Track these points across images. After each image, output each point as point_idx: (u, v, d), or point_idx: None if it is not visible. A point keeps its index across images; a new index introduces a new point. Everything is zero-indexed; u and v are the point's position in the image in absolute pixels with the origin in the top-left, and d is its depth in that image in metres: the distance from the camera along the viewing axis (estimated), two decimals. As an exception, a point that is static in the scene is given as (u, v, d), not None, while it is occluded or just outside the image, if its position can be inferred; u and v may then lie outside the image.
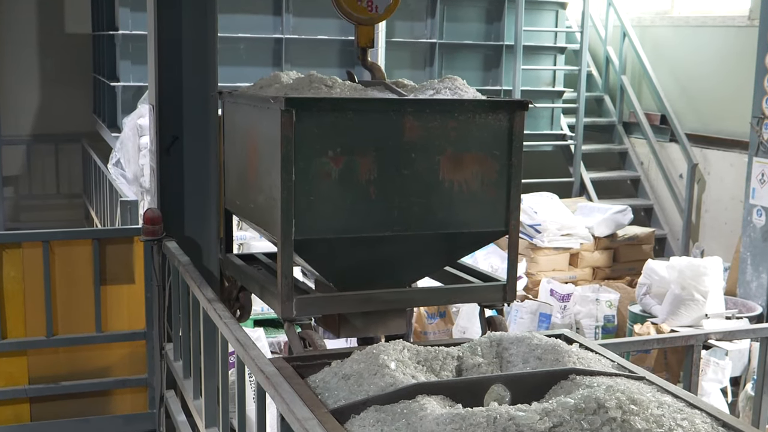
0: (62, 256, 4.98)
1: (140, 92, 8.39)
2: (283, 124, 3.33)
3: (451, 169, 3.56)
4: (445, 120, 3.54)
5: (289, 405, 2.48)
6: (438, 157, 3.54)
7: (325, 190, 3.41)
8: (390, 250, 3.58)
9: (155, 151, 4.78)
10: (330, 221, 3.44)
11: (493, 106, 3.65)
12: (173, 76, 4.68)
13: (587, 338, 4.98)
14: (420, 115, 3.51)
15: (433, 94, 3.71)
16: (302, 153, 3.37)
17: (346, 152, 3.42)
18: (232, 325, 3.24)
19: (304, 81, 3.72)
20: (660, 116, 10.48)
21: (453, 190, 3.57)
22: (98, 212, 9.26)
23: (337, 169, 3.42)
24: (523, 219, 8.36)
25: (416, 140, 3.51)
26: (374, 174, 3.45)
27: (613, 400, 2.35)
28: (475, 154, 3.60)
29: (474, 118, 3.59)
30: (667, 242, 10.38)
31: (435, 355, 2.92)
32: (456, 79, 3.84)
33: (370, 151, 3.45)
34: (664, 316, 6.80)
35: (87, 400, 5.15)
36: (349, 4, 3.96)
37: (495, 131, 3.62)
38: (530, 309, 7.42)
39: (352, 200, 3.45)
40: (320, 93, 3.59)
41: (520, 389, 2.65)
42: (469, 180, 3.59)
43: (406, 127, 3.49)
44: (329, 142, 3.40)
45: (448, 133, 3.55)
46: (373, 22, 4.05)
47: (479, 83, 10.34)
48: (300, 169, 3.37)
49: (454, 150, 3.56)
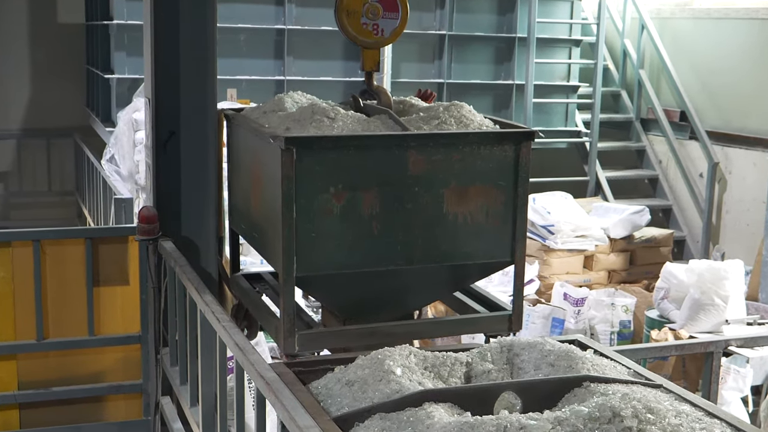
0: (53, 256, 4.98)
1: (136, 85, 8.40)
2: (284, 163, 3.43)
3: (455, 202, 3.65)
4: (449, 153, 3.62)
5: (291, 412, 2.49)
6: (442, 190, 3.62)
7: (327, 227, 3.51)
8: (394, 282, 3.70)
9: (151, 147, 4.78)
10: (332, 257, 3.54)
11: (499, 137, 3.71)
12: (170, 68, 4.68)
13: (602, 344, 4.98)
14: (423, 149, 3.59)
15: (438, 124, 3.78)
16: (303, 190, 3.47)
17: (348, 188, 3.52)
18: (230, 329, 3.25)
19: (306, 111, 3.79)
20: (679, 112, 10.47)
21: (457, 223, 3.66)
22: (91, 210, 9.28)
23: (339, 206, 3.51)
24: (535, 219, 8.37)
25: (420, 174, 3.59)
26: (377, 209, 3.55)
27: (628, 408, 2.36)
28: (480, 186, 3.68)
29: (479, 150, 3.66)
30: (686, 244, 10.37)
31: (443, 360, 2.93)
32: (462, 106, 3.90)
33: (373, 187, 3.55)
34: (683, 321, 6.79)
35: (79, 406, 5.16)
36: (355, 28, 4.00)
37: (500, 162, 3.70)
38: (542, 313, 7.42)
39: (355, 236, 3.54)
40: (322, 126, 3.67)
41: (532, 397, 2.65)
42: (474, 212, 3.67)
43: (410, 162, 3.58)
44: (331, 179, 3.50)
45: (452, 166, 3.63)
46: (379, 46, 4.11)
47: (490, 77, 10.35)
48: (301, 207, 3.47)
49: (459, 183, 3.65)
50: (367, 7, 4.01)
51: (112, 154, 8.17)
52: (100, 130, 9.60)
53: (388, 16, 4.05)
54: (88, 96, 11.23)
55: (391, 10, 4.06)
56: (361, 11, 4.00)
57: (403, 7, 4.06)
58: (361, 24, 4.01)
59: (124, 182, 7.92)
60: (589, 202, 9.56)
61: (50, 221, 10.40)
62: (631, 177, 11.02)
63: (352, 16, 4.00)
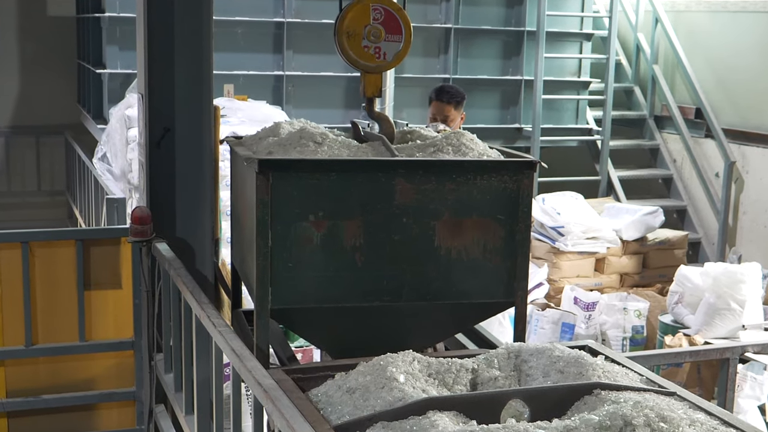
0: (43, 259, 4.99)
1: (128, 80, 8.41)
2: (258, 187, 3.38)
3: (448, 236, 3.56)
4: (442, 182, 3.54)
5: (289, 421, 2.49)
6: (433, 222, 3.54)
7: (305, 257, 3.43)
8: (383, 320, 3.60)
9: (144, 145, 4.79)
10: (311, 289, 3.46)
11: (497, 167, 3.61)
12: (164, 63, 4.69)
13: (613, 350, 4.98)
14: (412, 178, 3.51)
15: (434, 152, 3.71)
16: (280, 217, 3.41)
17: (329, 216, 3.44)
18: (227, 334, 3.26)
19: (294, 137, 3.74)
20: (695, 110, 10.48)
21: (450, 258, 3.56)
22: (82, 211, 9.28)
23: (320, 234, 3.44)
24: (545, 221, 8.37)
25: (408, 204, 3.51)
26: (361, 240, 3.47)
27: (641, 417, 2.36)
28: (477, 219, 3.58)
29: (475, 180, 3.57)
30: (701, 247, 10.37)
31: (448, 367, 2.93)
32: (463, 134, 3.84)
33: (357, 215, 3.47)
34: (698, 326, 6.79)
35: (70, 415, 5.17)
36: (356, 51, 3.97)
37: (499, 194, 3.60)
38: (552, 318, 7.42)
39: (336, 268, 3.47)
40: (306, 151, 3.62)
41: (540, 405, 2.66)
42: (469, 247, 3.58)
43: (397, 190, 3.50)
44: (310, 206, 3.43)
45: (444, 197, 3.54)
46: (381, 70, 4.06)
47: (498, 72, 10.36)
48: (277, 234, 3.40)
49: (453, 215, 3.56)
50: (368, 29, 3.96)
51: (104, 152, 8.18)
52: (92, 128, 9.61)
53: (390, 38, 3.99)
54: (79, 92, 11.24)
55: (394, 33, 4.00)
56: (362, 33, 3.95)
57: (406, 29, 4.03)
58: (363, 47, 3.96)
59: (116, 181, 7.92)
60: (601, 203, 9.56)
61: (40, 222, 10.40)
62: (644, 176, 11.02)
63: (353, 39, 3.95)
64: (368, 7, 3.95)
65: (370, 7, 3.96)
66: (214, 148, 4.87)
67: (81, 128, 10.60)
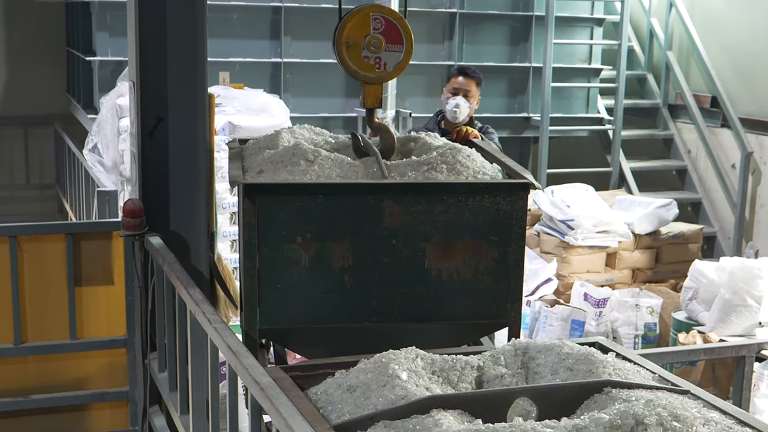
0: (32, 254, 5.00)
1: (120, 68, 8.42)
2: (245, 210, 3.48)
3: (438, 257, 3.64)
4: (432, 204, 3.61)
5: (287, 420, 2.50)
6: (423, 244, 3.62)
7: (293, 278, 3.53)
8: (373, 341, 3.60)
9: (137, 135, 4.80)
10: (299, 310, 3.57)
11: (490, 189, 3.68)
12: (157, 50, 4.69)
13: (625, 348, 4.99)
14: (402, 199, 3.59)
15: (427, 170, 3.77)
16: (267, 239, 3.51)
17: (317, 238, 3.54)
18: (223, 331, 3.26)
19: (287, 153, 3.82)
20: (710, 98, 10.47)
21: (441, 279, 3.64)
22: (73, 204, 9.29)
23: (307, 256, 3.53)
24: (554, 214, 8.38)
25: (397, 226, 3.59)
26: (349, 261, 3.56)
27: (653, 416, 2.37)
28: (468, 241, 3.66)
29: (466, 201, 3.64)
30: (716, 241, 10.37)
31: (452, 364, 2.94)
32: (459, 150, 3.89)
33: (345, 237, 3.56)
34: (713, 323, 6.80)
35: (60, 416, 5.18)
36: (355, 61, 4.01)
37: (492, 215, 3.67)
38: (561, 315, 7.43)
39: (324, 289, 3.57)
40: (296, 170, 3.69)
41: (549, 403, 2.66)
42: (461, 268, 3.66)
43: (386, 212, 3.58)
44: (298, 228, 3.52)
45: (435, 219, 3.62)
46: (382, 81, 4.10)
47: (505, 59, 10.36)
48: (265, 256, 3.50)
49: (443, 237, 3.63)
50: (369, 39, 4.00)
51: (94, 143, 8.19)
52: (82, 118, 9.62)
53: (391, 48, 4.04)
54: (68, 81, 11.24)
55: (395, 43, 4.05)
56: (362, 43, 4.00)
57: (407, 39, 4.07)
58: (363, 57, 4.01)
59: (107, 173, 7.93)
60: (612, 195, 9.56)
61: (28, 216, 10.41)
62: (657, 168, 11.02)
63: (353, 49, 3.99)
64: (368, 16, 4.00)
65: (371, 17, 4.01)
66: (209, 138, 4.88)
67: (71, 118, 10.61)
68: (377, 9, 4.08)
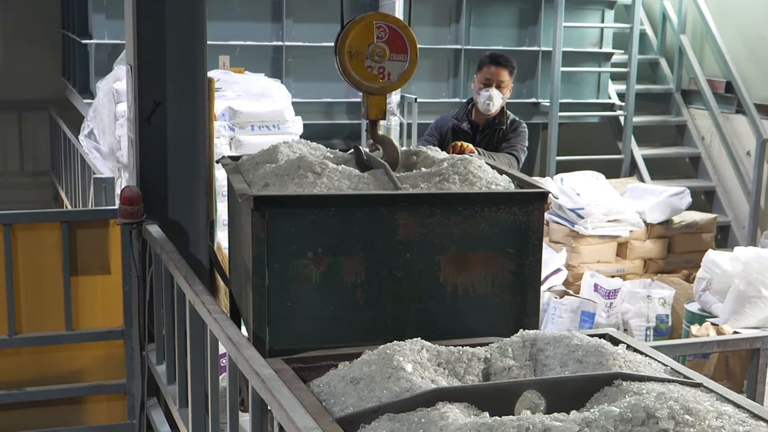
0: (26, 242, 5.00)
1: (116, 51, 8.41)
2: (254, 223, 3.43)
3: (453, 271, 3.61)
4: (447, 215, 3.59)
5: (289, 413, 2.50)
6: (438, 257, 3.59)
7: (304, 295, 3.49)
8: None
9: (134, 120, 4.80)
10: (311, 329, 3.51)
11: (506, 199, 3.66)
12: (155, 32, 4.69)
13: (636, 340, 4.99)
14: (416, 211, 3.56)
15: (439, 182, 3.76)
16: (277, 255, 3.46)
17: (328, 253, 3.50)
18: (223, 322, 3.27)
19: (292, 166, 3.79)
20: (725, 83, 10.45)
21: (457, 294, 3.61)
22: (68, 192, 9.31)
23: (319, 272, 3.49)
24: (563, 202, 8.38)
25: (411, 239, 3.56)
26: (362, 277, 3.52)
27: (664, 409, 2.37)
28: (484, 253, 3.64)
29: (482, 212, 3.62)
30: (730, 230, 10.37)
31: (458, 356, 2.95)
32: (471, 161, 3.88)
33: (357, 251, 3.52)
34: (727, 315, 6.80)
35: (56, 408, 5.19)
36: (358, 71, 4.00)
37: (508, 227, 3.65)
38: (571, 306, 7.43)
39: (336, 306, 3.52)
40: (304, 183, 3.66)
41: (557, 396, 2.67)
42: (477, 282, 3.63)
43: (399, 225, 3.55)
44: (309, 242, 3.48)
45: (450, 231, 3.59)
46: (386, 92, 4.09)
47: (514, 42, 10.34)
48: (275, 272, 3.46)
49: (459, 249, 3.60)
50: (372, 48, 3.99)
51: (90, 129, 8.20)
52: (78, 102, 9.62)
53: (395, 58, 4.02)
54: (63, 64, 11.24)
55: (399, 52, 4.03)
56: (365, 53, 3.98)
57: (412, 48, 4.05)
58: (366, 67, 4.00)
59: (104, 160, 7.94)
60: (624, 183, 9.56)
61: (23, 204, 10.42)
62: (670, 155, 11.01)
63: (356, 59, 3.98)
64: (372, 24, 3.99)
65: (374, 25, 3.99)
66: (208, 124, 4.88)
67: (66, 103, 10.61)
68: (381, 17, 4.07)
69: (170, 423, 4.47)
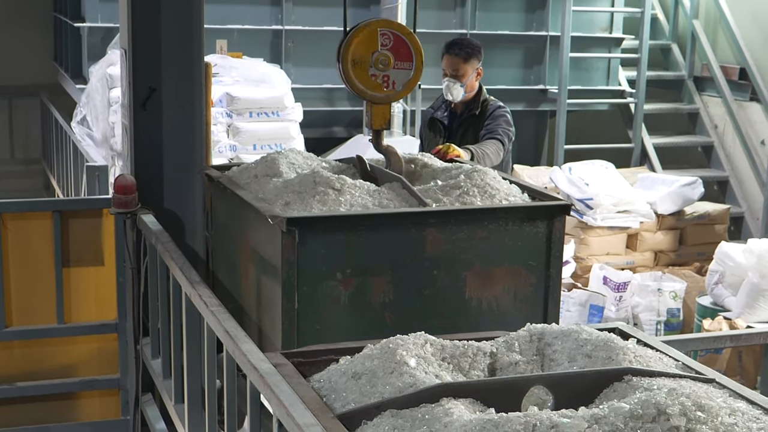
0: (17, 232, 5.01)
1: (110, 35, 8.41)
2: (285, 246, 3.45)
3: (479, 286, 3.67)
4: (473, 230, 3.65)
5: (288, 409, 2.51)
6: (464, 272, 3.65)
7: (333, 318, 3.52)
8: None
9: (128, 106, 4.80)
10: None
11: (530, 212, 3.74)
12: (150, 15, 4.69)
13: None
14: (444, 227, 3.61)
15: (460, 195, 3.80)
16: (306, 277, 3.49)
17: (357, 273, 3.54)
18: (220, 314, 3.27)
19: (307, 181, 3.79)
20: (739, 70, 10.44)
21: (481, 310, 3.67)
22: (60, 180, 9.31)
23: (347, 293, 3.53)
24: (572, 192, 8.37)
25: (439, 255, 3.61)
26: (390, 296, 3.56)
27: (676, 405, 2.37)
28: (508, 267, 3.71)
29: (506, 226, 3.69)
30: (744, 222, 10.36)
31: (464, 350, 2.95)
32: (486, 173, 3.92)
33: (386, 271, 3.57)
34: (740, 309, 6.80)
35: (47, 404, 5.19)
36: (362, 80, 4.00)
37: (531, 240, 3.72)
38: (579, 300, 7.44)
39: (366, 328, 3.54)
40: (327, 200, 3.68)
41: (565, 392, 2.67)
42: (500, 297, 3.70)
43: (428, 241, 3.60)
44: (337, 264, 3.52)
45: (476, 245, 3.65)
46: (390, 101, 4.12)
47: (521, 27, 10.33)
48: (304, 295, 3.49)
49: (483, 264, 3.67)
50: (376, 57, 4.01)
51: (83, 116, 8.20)
52: (70, 88, 9.62)
53: (400, 66, 4.05)
54: (55, 48, 11.24)
55: (404, 60, 4.05)
56: (369, 61, 4.01)
57: (417, 55, 4.07)
58: (370, 76, 4.01)
59: (97, 147, 7.94)
60: (634, 173, 9.55)
61: (13, 193, 10.43)
62: (682, 144, 11.00)
63: (360, 67, 4.00)
64: (376, 32, 4.00)
65: (378, 32, 4.00)
66: (205, 111, 4.88)
67: (58, 89, 10.60)
68: (385, 24, 4.09)
69: (166, 419, 4.47)
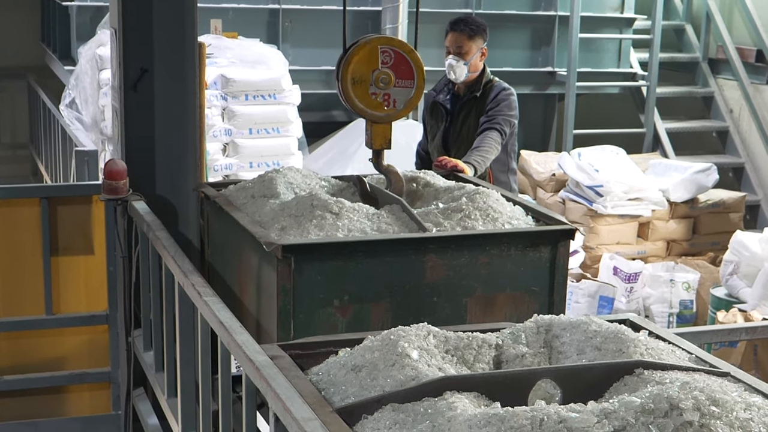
0: (3, 220, 5.01)
1: (100, 14, 8.40)
2: (280, 273, 3.47)
3: (480, 312, 3.67)
4: (474, 256, 3.66)
5: (285, 403, 2.51)
6: (465, 299, 3.66)
7: None
8: None
9: (119, 88, 4.80)
10: None
11: (533, 237, 3.74)
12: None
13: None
14: (444, 253, 3.62)
15: (461, 218, 3.80)
16: (303, 304, 3.51)
17: (355, 300, 3.55)
18: (214, 305, 3.27)
19: (304, 205, 3.80)
20: (755, 51, 10.43)
21: None
22: (48, 166, 9.31)
23: (345, 320, 3.54)
24: (581, 179, 8.37)
25: (439, 282, 3.63)
26: (389, 323, 3.53)
27: (689, 399, 2.37)
28: (510, 293, 3.72)
29: (509, 251, 3.69)
30: (760, 210, 10.36)
31: (468, 342, 2.95)
32: (488, 195, 3.93)
33: (384, 297, 3.58)
34: (755, 301, 6.81)
35: (36, 398, 5.21)
36: (362, 99, 4.01)
37: (534, 265, 3.73)
38: (588, 291, 7.44)
39: None
40: (325, 225, 3.68)
41: (574, 386, 2.67)
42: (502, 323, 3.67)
43: (428, 267, 3.61)
44: (335, 290, 3.53)
45: (477, 271, 3.66)
46: (391, 120, 4.12)
47: (528, 7, 10.32)
48: (300, 323, 3.51)
49: (485, 290, 3.68)
50: (377, 75, 4.02)
51: (72, 98, 8.19)
52: (58, 70, 9.61)
53: (401, 84, 4.06)
54: (42, 29, 11.22)
55: (405, 78, 4.07)
56: (369, 79, 4.01)
57: (418, 73, 4.08)
58: (370, 94, 4.02)
59: (86, 131, 7.94)
60: (646, 159, 9.56)
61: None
62: (696, 129, 10.99)
63: (360, 85, 4.00)
64: (376, 49, 4.02)
65: (379, 50, 4.01)
66: (198, 93, 4.87)
67: (46, 70, 10.59)
68: (386, 41, 4.11)
69: (158, 414, 4.48)
